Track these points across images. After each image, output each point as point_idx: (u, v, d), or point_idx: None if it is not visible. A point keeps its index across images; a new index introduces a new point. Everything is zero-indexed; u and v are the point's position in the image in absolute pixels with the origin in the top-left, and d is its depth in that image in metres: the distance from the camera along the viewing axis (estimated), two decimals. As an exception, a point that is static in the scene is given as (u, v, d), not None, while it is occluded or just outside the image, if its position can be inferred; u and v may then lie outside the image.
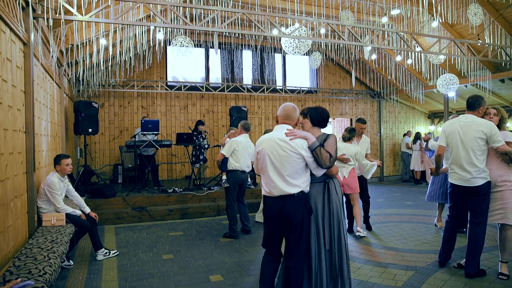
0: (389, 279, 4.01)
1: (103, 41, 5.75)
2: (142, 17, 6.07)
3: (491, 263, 4.38)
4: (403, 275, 4.10)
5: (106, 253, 4.88)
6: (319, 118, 3.14)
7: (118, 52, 6.90)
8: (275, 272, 3.12)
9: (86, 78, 8.37)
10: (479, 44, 7.76)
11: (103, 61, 6.50)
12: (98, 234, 4.92)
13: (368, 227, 6.11)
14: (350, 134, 5.63)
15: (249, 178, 5.93)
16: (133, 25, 5.53)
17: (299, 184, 2.89)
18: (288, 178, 2.87)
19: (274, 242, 3.08)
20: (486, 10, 7.60)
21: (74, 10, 4.40)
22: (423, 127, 14.10)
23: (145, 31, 7.35)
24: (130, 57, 7.63)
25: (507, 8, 7.36)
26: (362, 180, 5.93)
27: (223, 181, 5.88)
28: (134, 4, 4.72)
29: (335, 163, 3.05)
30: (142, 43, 6.99)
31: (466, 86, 10.45)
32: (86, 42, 6.30)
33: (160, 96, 10.69)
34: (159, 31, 6.73)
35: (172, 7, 4.79)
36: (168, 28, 7.90)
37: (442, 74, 8.42)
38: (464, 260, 4.09)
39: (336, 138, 3.17)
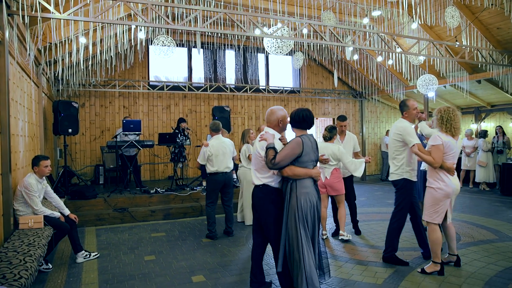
0: (370, 276, 4.06)
1: (82, 40, 5.64)
2: (123, 16, 5.98)
3: (467, 259, 4.50)
4: (383, 272, 4.17)
5: (86, 255, 4.79)
6: (296, 118, 3.34)
7: (98, 51, 6.78)
8: (261, 255, 3.73)
9: (66, 77, 8.20)
10: (456, 45, 7.94)
11: (83, 60, 6.38)
12: (78, 236, 4.83)
13: (357, 232, 5.84)
14: (330, 133, 5.46)
15: (233, 175, 5.84)
16: (113, 24, 5.45)
17: (262, 178, 3.41)
18: (255, 172, 3.49)
19: (255, 226, 3.65)
20: (463, 13, 7.78)
21: (51, 8, 4.30)
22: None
23: (126, 30, 7.25)
24: (111, 56, 7.52)
25: (482, 11, 7.55)
26: (347, 181, 5.72)
27: (202, 188, 5.86)
28: (114, 2, 4.65)
29: (318, 164, 3.33)
30: (123, 42, 6.90)
31: (445, 86, 10.68)
32: (65, 40, 6.17)
33: (142, 96, 10.56)
34: (140, 30, 6.65)
35: (153, 6, 4.74)
36: (150, 27, 7.81)
37: (422, 75, 8.57)
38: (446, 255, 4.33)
39: (301, 142, 3.22)
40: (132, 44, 8.51)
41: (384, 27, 8.95)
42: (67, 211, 4.81)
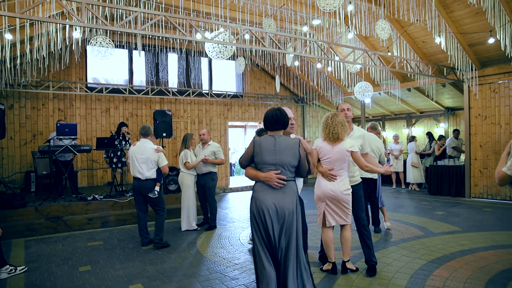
0: (307, 276, 4.19)
1: (8, 36, 5.26)
2: (55, 14, 5.66)
3: (397, 255, 4.82)
4: (320, 272, 4.32)
5: (11, 270, 4.45)
6: (264, 120, 3.19)
7: (28, 49, 6.35)
8: None
9: (-9, 77, 7.58)
10: (388, 55, 8.51)
11: (10, 59, 5.94)
12: (2, 250, 4.47)
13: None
14: (259, 136, 5.38)
15: (156, 186, 5.46)
16: (43, 21, 5.14)
17: None
18: None
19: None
20: (393, 26, 8.38)
21: (-29, 2, 3.97)
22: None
23: (60, 28, 6.87)
24: (43, 55, 7.07)
25: (410, 26, 8.18)
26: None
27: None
28: (44, -1, 4.39)
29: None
30: (57, 42, 6.52)
31: (379, 93, 11.39)
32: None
33: (80, 98, 10.05)
34: (76, 29, 6.34)
35: (88, 5, 4.55)
36: (86, 27, 7.47)
37: (358, 82, 9.07)
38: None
39: (253, 142, 3.12)
40: (67, 43, 8.09)
41: (323, 36, 9.35)
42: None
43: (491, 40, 7.67)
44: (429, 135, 11.49)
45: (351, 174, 4.26)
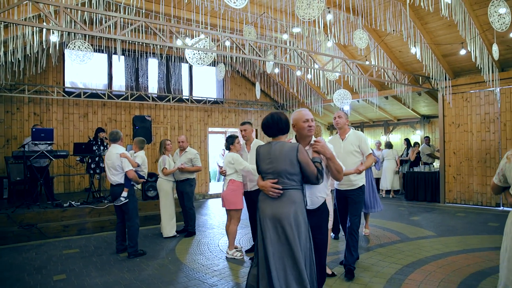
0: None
1: (-18, 40, 5.13)
2: (31, 17, 5.56)
3: (374, 260, 4.92)
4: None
5: (-18, 278, 4.31)
6: (262, 126, 3.07)
7: (2, 52, 6.20)
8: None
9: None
10: (366, 64, 8.71)
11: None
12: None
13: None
14: (227, 142, 5.20)
15: (124, 192, 5.31)
16: (18, 24, 5.04)
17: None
18: None
19: None
20: (371, 35, 8.60)
21: None
22: (324, 138, 15.19)
23: (37, 31, 6.75)
24: (19, 58, 6.92)
25: (386, 36, 8.42)
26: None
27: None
28: (20, 1, 4.32)
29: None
30: (33, 45, 6.39)
31: (358, 101, 11.61)
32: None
33: (57, 103, 9.85)
34: (53, 33, 6.24)
35: (66, 9, 4.50)
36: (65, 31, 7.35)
37: (337, 90, 9.23)
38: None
39: (256, 151, 3.04)
40: (44, 47, 7.93)
41: (303, 44, 9.50)
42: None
43: (462, 52, 7.97)
44: (407, 141, 11.75)
45: (350, 178, 4.35)
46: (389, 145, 11.47)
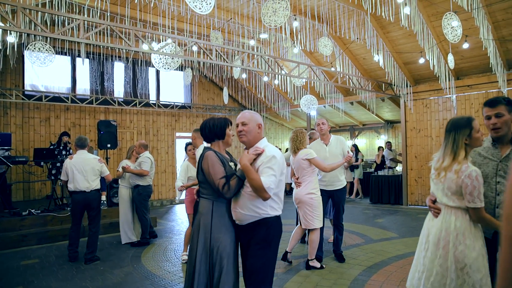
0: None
1: None
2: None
3: (340, 262, 5.03)
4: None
5: None
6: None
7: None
8: None
9: None
10: (332, 70, 8.94)
11: None
12: None
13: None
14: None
15: (103, 196, 5.38)
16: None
17: None
18: None
19: None
20: (336, 43, 8.84)
21: None
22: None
23: (-7, 32, 6.47)
24: (-26, 60, 6.58)
25: (351, 43, 8.68)
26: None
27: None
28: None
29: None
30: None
31: (324, 106, 11.87)
32: None
33: (15, 106, 9.44)
34: (10, 34, 6.00)
35: (25, 9, 4.35)
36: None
37: (304, 95, 9.40)
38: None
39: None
40: (1, 48, 7.60)
41: (270, 50, 9.62)
42: None
43: (421, 60, 8.35)
44: (355, 147, 11.99)
45: (339, 179, 5.10)
46: (356, 149, 11.77)
